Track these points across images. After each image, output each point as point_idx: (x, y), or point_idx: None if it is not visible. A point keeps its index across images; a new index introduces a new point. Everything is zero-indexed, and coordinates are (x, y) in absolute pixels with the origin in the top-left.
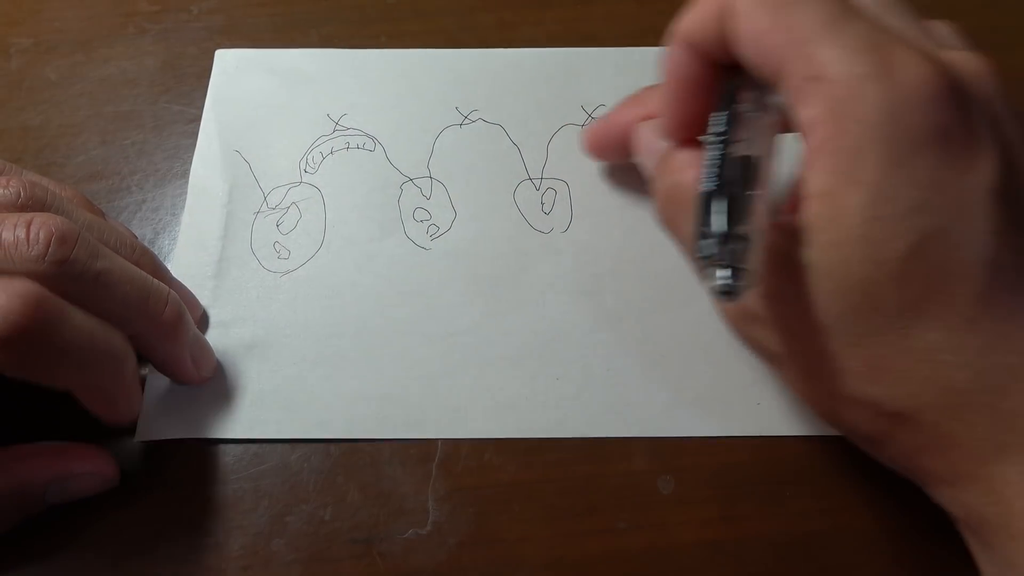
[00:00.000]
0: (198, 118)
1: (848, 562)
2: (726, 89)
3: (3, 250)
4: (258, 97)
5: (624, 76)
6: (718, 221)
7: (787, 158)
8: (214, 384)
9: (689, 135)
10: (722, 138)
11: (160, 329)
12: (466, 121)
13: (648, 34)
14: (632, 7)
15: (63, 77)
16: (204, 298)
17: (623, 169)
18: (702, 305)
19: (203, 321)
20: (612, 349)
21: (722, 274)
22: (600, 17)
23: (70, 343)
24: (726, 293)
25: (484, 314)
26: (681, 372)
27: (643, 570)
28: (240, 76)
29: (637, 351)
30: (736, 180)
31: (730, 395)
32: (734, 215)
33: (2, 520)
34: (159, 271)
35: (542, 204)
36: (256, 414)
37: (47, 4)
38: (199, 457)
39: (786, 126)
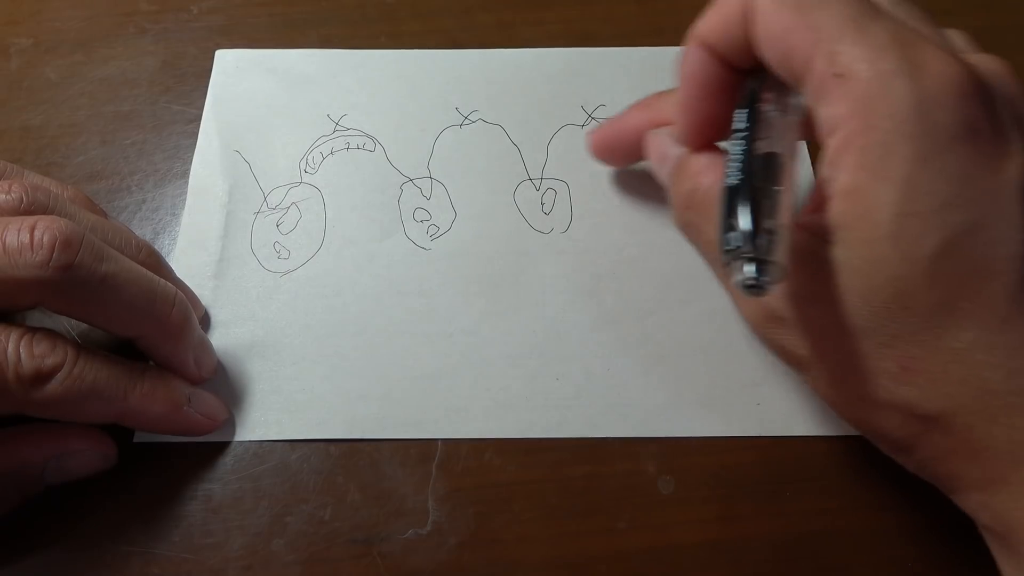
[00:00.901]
0: (198, 118)
1: (848, 562)
2: (747, 89)
3: (7, 255)
4: (258, 97)
5: (624, 76)
6: (744, 214)
7: (803, 163)
8: (214, 384)
9: (705, 140)
10: (745, 134)
11: (166, 330)
12: (466, 121)
13: (648, 34)
14: (632, 7)
15: (63, 77)
16: (204, 298)
17: (623, 170)
18: (702, 305)
19: (205, 321)
20: (612, 349)
21: (749, 268)
22: (600, 17)
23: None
24: (753, 287)
25: (484, 314)
26: (681, 372)
27: (643, 570)
28: (240, 76)
29: (637, 351)
30: (760, 175)
31: (730, 395)
32: (760, 208)
33: (2, 500)
34: (164, 271)
35: (542, 204)
36: (256, 414)
37: (47, 4)
38: (199, 457)
39: (807, 128)
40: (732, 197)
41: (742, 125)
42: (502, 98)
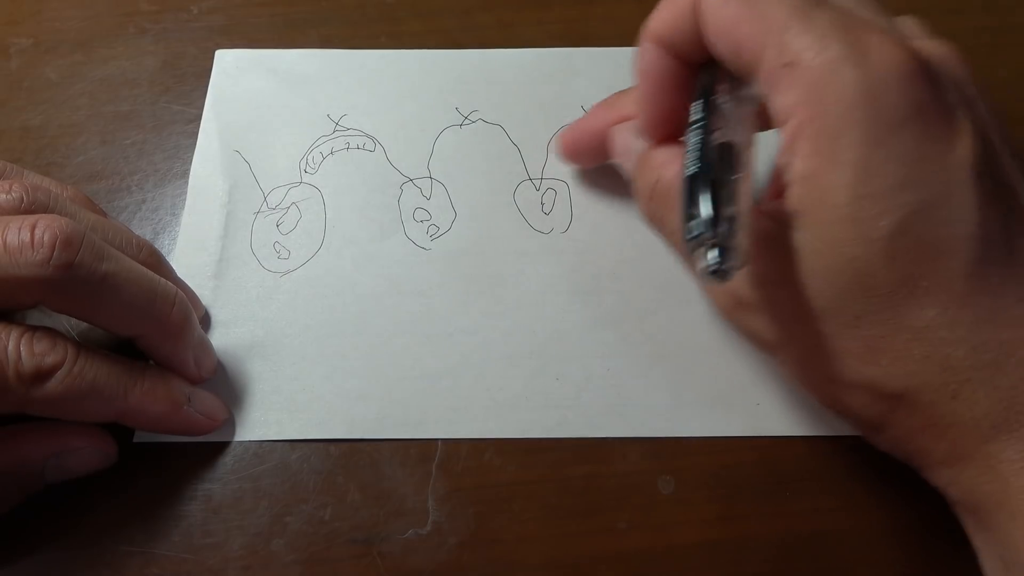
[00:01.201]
0: (198, 118)
1: (848, 562)
2: (702, 81)
3: (8, 254)
4: (258, 97)
5: (624, 76)
6: (704, 202)
7: (761, 152)
8: (214, 384)
9: (665, 133)
10: (701, 125)
11: (167, 330)
12: (466, 121)
13: None
14: (632, 7)
15: (63, 77)
16: (204, 298)
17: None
18: (702, 305)
19: (205, 321)
20: (612, 349)
21: (712, 255)
22: (600, 17)
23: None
24: (716, 273)
25: (484, 314)
26: (681, 372)
27: (643, 570)
28: (240, 76)
29: (637, 351)
30: (718, 164)
31: (730, 395)
32: (720, 196)
33: (2, 499)
34: (164, 270)
35: (542, 204)
36: (256, 414)
37: (47, 4)
38: (199, 457)
39: (761, 118)
40: (692, 186)
41: (698, 116)
42: (502, 98)
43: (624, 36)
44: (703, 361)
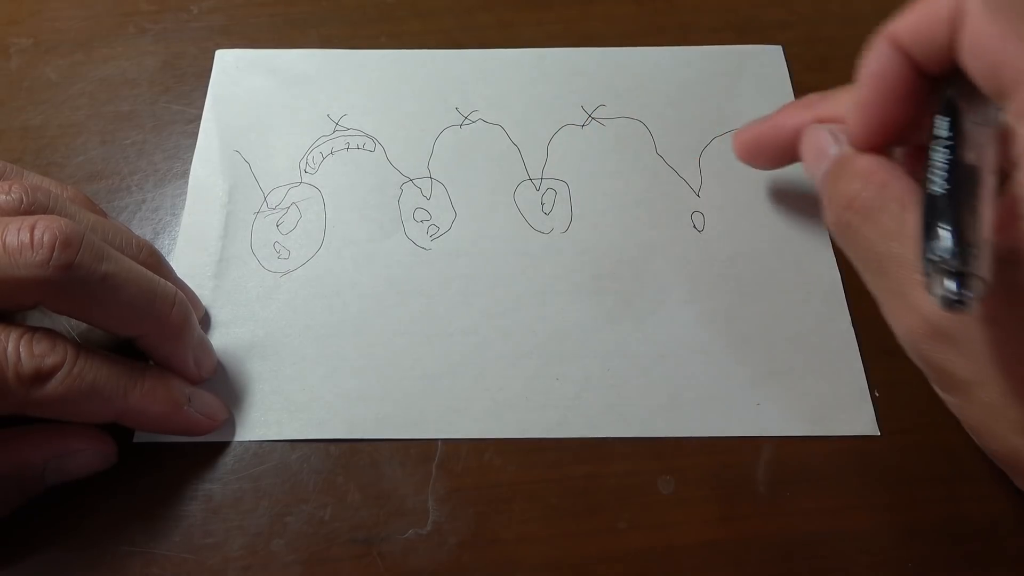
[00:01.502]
0: (198, 118)
1: (848, 562)
2: (946, 96)
3: (7, 255)
4: (258, 97)
5: (624, 76)
6: (950, 225)
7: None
8: (214, 384)
9: (876, 142)
10: (949, 143)
11: (166, 330)
12: (466, 121)
13: (648, 34)
14: (632, 7)
15: (63, 77)
16: (204, 298)
17: (624, 170)
18: (702, 305)
19: (205, 321)
20: (612, 349)
21: (950, 283)
22: (600, 17)
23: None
24: (956, 303)
25: (484, 314)
26: (681, 372)
27: (643, 570)
28: (240, 76)
29: (637, 351)
30: (964, 186)
31: (730, 395)
32: (963, 221)
33: (3, 502)
34: (164, 270)
35: (542, 204)
36: (256, 414)
37: (47, 4)
38: (199, 457)
39: (1001, 144)
40: (937, 207)
41: (944, 133)
42: (502, 98)
43: (624, 36)
44: (703, 361)
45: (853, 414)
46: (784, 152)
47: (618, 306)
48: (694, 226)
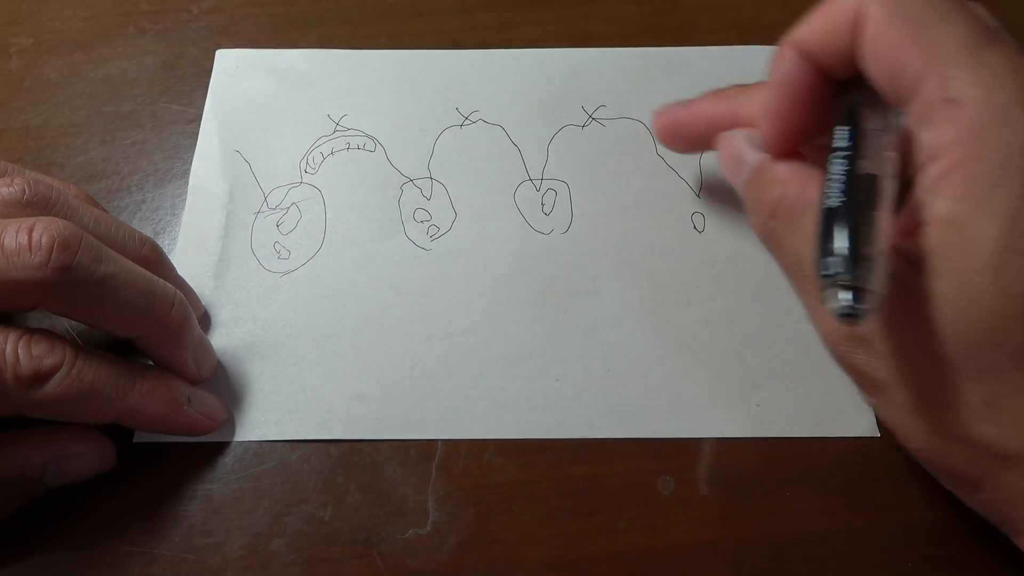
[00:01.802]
0: (198, 118)
1: (848, 562)
2: (848, 104)
3: (6, 257)
4: (258, 97)
5: (624, 76)
6: (844, 239)
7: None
8: (214, 384)
9: (789, 147)
10: (847, 153)
11: (165, 330)
12: (466, 122)
13: (648, 34)
14: (632, 7)
15: (63, 77)
16: (204, 298)
17: (624, 171)
18: (702, 306)
19: (205, 321)
20: (612, 349)
21: (845, 296)
22: (600, 17)
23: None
24: (849, 316)
25: (484, 314)
26: (681, 372)
27: (643, 570)
28: (240, 76)
29: (637, 351)
30: (861, 198)
31: (730, 395)
32: (860, 234)
33: (3, 504)
34: (165, 266)
35: (542, 205)
36: (256, 414)
37: (47, 4)
38: (199, 457)
39: (903, 148)
40: (831, 220)
41: (844, 143)
42: (502, 98)
43: (624, 36)
44: (703, 361)
45: (853, 415)
46: (699, 141)
47: (618, 306)
48: (694, 226)
